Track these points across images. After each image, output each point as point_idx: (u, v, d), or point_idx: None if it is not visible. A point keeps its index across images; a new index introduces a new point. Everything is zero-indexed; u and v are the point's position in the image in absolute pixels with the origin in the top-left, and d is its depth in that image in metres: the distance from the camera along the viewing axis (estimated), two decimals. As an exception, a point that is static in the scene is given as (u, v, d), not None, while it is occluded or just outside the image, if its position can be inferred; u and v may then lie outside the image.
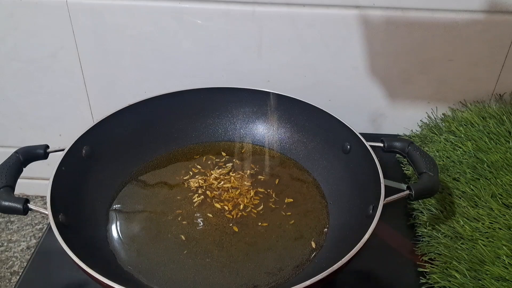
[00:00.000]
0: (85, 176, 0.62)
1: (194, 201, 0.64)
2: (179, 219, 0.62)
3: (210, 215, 0.62)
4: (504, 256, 0.52)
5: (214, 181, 0.67)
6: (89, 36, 0.77)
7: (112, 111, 0.66)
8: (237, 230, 0.60)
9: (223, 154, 0.72)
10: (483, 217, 0.57)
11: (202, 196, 0.65)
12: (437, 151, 0.70)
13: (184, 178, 0.68)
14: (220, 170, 0.69)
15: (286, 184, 0.67)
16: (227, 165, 0.70)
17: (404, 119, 0.83)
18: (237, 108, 0.74)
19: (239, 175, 0.68)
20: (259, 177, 0.68)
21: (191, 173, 0.69)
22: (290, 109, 0.72)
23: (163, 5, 0.74)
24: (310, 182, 0.68)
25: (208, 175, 0.68)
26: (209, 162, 0.71)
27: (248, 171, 0.69)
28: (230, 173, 0.69)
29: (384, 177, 0.56)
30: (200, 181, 0.67)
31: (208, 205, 0.64)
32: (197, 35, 0.76)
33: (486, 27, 0.73)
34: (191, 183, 0.67)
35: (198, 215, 0.62)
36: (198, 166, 0.70)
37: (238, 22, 0.75)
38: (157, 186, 0.67)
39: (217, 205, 0.64)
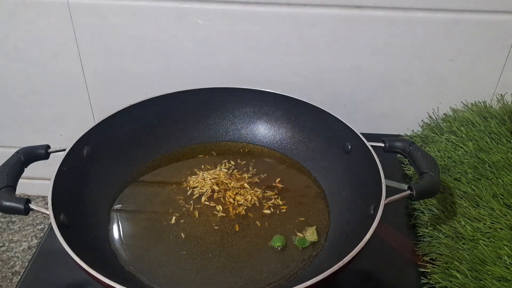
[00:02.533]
0: (86, 176, 0.62)
1: (195, 201, 0.64)
2: (180, 219, 0.62)
3: (211, 215, 0.62)
4: (505, 257, 0.52)
5: (215, 181, 0.67)
6: (90, 36, 0.78)
7: (113, 111, 0.66)
8: (238, 230, 0.60)
9: (224, 154, 0.72)
10: (484, 217, 0.57)
11: (203, 196, 0.65)
12: (438, 151, 0.70)
13: (185, 178, 0.68)
14: (221, 170, 0.69)
15: (287, 184, 0.67)
16: (228, 165, 0.70)
17: (405, 119, 0.83)
18: (238, 108, 0.74)
19: (240, 175, 0.68)
20: (260, 177, 0.68)
21: (192, 173, 0.69)
22: (291, 109, 0.72)
23: (164, 5, 0.74)
24: (311, 182, 0.68)
25: (209, 175, 0.68)
26: (210, 162, 0.71)
27: (249, 171, 0.69)
28: (231, 173, 0.69)
29: (385, 177, 0.56)
30: (201, 181, 0.67)
31: (209, 205, 0.64)
32: (198, 35, 0.76)
33: (487, 27, 0.73)
34: (192, 183, 0.67)
35: (199, 215, 0.62)
36: (199, 166, 0.70)
37: (239, 22, 0.75)
38: (158, 186, 0.67)
39: (218, 205, 0.63)
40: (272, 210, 0.63)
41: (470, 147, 0.67)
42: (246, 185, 0.66)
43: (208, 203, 0.64)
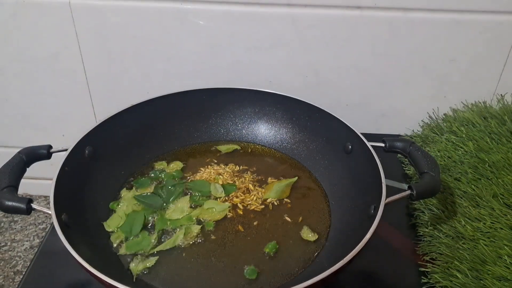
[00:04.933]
0: (88, 176, 0.62)
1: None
2: (181, 219, 0.62)
3: (211, 215, 0.62)
4: (505, 256, 0.52)
5: (215, 181, 0.67)
6: (92, 36, 0.78)
7: (114, 112, 0.67)
8: (238, 230, 0.61)
9: (225, 154, 0.72)
10: (484, 217, 0.57)
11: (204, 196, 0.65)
12: (439, 151, 0.70)
13: (186, 178, 0.68)
14: (222, 170, 0.69)
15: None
16: (228, 165, 0.70)
17: (406, 119, 0.83)
18: (239, 109, 0.74)
19: (240, 175, 0.68)
20: (261, 177, 0.68)
21: (193, 173, 0.69)
22: (292, 110, 0.72)
23: (165, 6, 0.74)
24: (312, 182, 0.68)
25: (210, 175, 0.68)
26: (210, 162, 0.71)
27: (250, 171, 0.69)
28: (232, 173, 0.69)
29: (386, 177, 0.56)
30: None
31: (198, 209, 0.63)
32: (199, 35, 0.77)
33: (487, 27, 0.73)
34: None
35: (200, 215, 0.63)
36: (200, 166, 0.70)
37: (240, 23, 0.75)
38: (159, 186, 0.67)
39: (219, 205, 0.64)
40: (272, 210, 0.64)
41: (470, 147, 0.67)
42: (246, 185, 0.66)
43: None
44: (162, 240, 0.59)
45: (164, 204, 0.63)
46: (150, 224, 0.61)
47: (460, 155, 0.67)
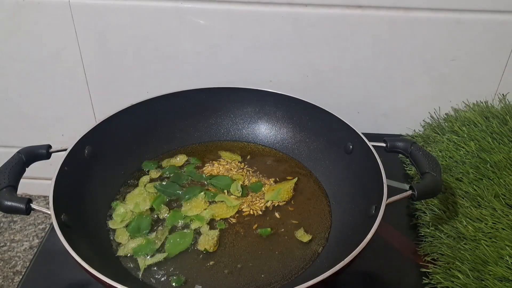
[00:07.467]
0: (87, 176, 0.62)
1: (196, 201, 0.64)
2: (181, 219, 0.62)
3: (212, 216, 0.62)
4: (507, 257, 0.52)
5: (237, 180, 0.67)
6: (92, 36, 0.78)
7: (114, 111, 0.66)
8: (239, 231, 0.60)
9: (225, 154, 0.72)
10: (486, 217, 0.57)
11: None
12: (440, 151, 0.70)
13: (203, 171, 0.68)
14: (222, 170, 0.69)
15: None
16: (229, 165, 0.70)
17: (407, 119, 0.83)
18: (239, 108, 0.74)
19: (241, 175, 0.68)
20: (261, 177, 0.68)
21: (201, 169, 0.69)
22: (292, 109, 0.72)
23: (165, 5, 0.74)
24: (313, 182, 0.68)
25: (219, 170, 0.68)
26: (210, 162, 0.71)
27: (250, 171, 0.69)
28: (232, 173, 0.68)
29: (387, 177, 0.56)
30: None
31: (210, 205, 0.64)
32: (199, 35, 0.76)
33: (489, 26, 0.73)
34: (194, 183, 0.67)
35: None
36: (204, 163, 0.70)
37: (240, 22, 0.75)
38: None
39: (219, 205, 0.63)
40: (273, 210, 0.63)
41: (472, 147, 0.67)
42: (266, 185, 0.66)
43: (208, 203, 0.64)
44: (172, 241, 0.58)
45: (182, 194, 0.64)
46: (157, 223, 0.61)
47: (461, 155, 0.67)
